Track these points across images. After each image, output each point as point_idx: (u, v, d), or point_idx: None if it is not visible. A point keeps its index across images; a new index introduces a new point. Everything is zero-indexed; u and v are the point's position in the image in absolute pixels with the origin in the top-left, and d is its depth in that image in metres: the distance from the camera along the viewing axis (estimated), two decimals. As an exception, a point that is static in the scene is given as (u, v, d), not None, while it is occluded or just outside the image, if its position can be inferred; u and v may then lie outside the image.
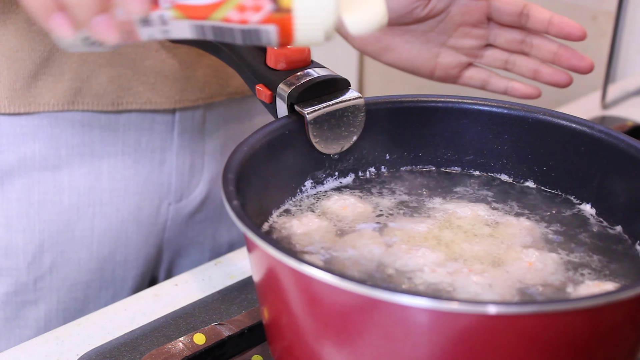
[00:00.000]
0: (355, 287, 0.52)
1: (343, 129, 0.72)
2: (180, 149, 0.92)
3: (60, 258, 0.89)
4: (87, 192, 0.88)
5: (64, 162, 0.87)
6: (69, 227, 0.88)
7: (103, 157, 0.88)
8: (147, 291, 0.83)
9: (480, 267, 0.64)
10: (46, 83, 0.84)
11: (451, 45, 0.84)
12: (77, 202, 0.88)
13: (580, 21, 0.88)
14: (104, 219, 0.90)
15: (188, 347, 0.70)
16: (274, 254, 0.55)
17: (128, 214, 0.91)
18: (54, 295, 0.90)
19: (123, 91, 0.87)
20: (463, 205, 0.72)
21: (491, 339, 0.53)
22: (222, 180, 0.62)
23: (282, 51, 0.72)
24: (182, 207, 0.94)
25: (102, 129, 0.87)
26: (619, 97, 1.32)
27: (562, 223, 0.71)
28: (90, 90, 0.86)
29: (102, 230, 0.90)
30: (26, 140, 0.86)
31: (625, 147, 0.69)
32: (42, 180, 0.87)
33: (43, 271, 0.88)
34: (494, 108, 0.75)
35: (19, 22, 0.82)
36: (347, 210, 0.71)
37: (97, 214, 0.89)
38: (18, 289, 0.88)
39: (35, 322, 0.90)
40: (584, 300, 0.53)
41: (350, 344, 0.56)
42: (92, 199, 0.89)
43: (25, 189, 0.87)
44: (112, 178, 0.89)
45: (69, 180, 0.88)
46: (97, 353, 0.72)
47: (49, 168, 0.87)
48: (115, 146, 0.89)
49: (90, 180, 0.88)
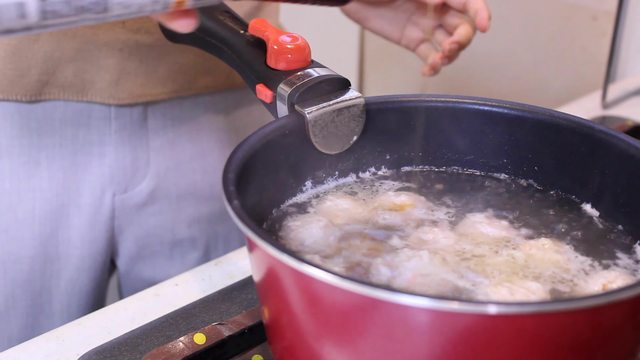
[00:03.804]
0: (356, 287, 0.52)
1: (343, 129, 0.73)
2: (119, 144, 0.97)
3: (4, 235, 0.96)
4: (27, 179, 0.95)
5: (4, 150, 0.94)
6: (10, 209, 0.96)
7: (41, 149, 0.95)
8: (148, 291, 0.83)
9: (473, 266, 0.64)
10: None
11: (414, 22, 1.00)
12: (17, 187, 0.95)
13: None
14: (45, 202, 0.96)
15: (188, 347, 0.70)
16: (274, 254, 0.55)
17: (68, 199, 0.97)
18: (0, 266, 0.97)
19: (86, 85, 0.93)
20: (463, 206, 0.72)
21: (491, 339, 0.53)
22: (222, 180, 0.62)
23: (283, 51, 0.72)
24: (129, 198, 1.00)
25: (39, 122, 0.94)
26: (619, 97, 1.33)
27: (562, 222, 0.71)
28: (57, 82, 0.92)
29: (43, 212, 0.97)
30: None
31: (625, 147, 0.69)
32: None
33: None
34: (494, 108, 0.75)
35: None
36: (346, 210, 0.71)
37: (38, 199, 0.96)
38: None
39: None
40: (584, 300, 0.53)
41: (351, 344, 0.56)
42: (32, 185, 0.96)
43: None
44: (51, 167, 0.96)
45: (10, 168, 0.95)
46: (97, 353, 0.72)
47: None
48: (52, 138, 0.95)
49: (30, 169, 0.95)
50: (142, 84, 0.95)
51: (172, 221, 1.04)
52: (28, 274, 0.98)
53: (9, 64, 0.90)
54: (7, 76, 0.90)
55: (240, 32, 0.77)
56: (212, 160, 1.03)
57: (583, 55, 1.59)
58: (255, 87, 0.74)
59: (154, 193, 1.01)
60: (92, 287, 1.03)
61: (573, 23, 1.58)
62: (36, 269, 0.98)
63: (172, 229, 1.04)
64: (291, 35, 0.73)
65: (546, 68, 1.68)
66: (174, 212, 1.03)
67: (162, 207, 1.02)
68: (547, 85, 1.68)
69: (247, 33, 0.77)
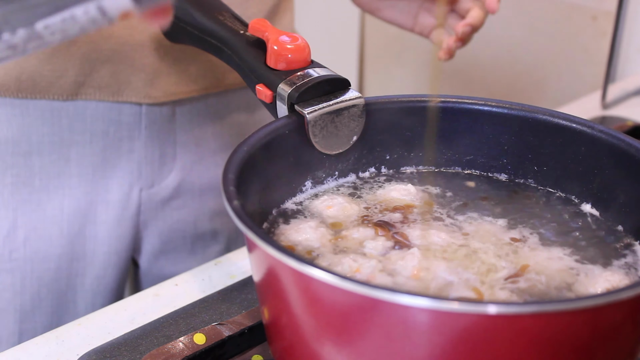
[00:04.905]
0: (356, 287, 0.52)
1: (343, 129, 0.73)
2: (148, 139, 0.97)
3: (33, 233, 0.96)
4: (56, 176, 0.95)
5: (35, 148, 0.94)
6: (40, 207, 0.96)
7: (71, 146, 0.95)
8: (148, 291, 0.83)
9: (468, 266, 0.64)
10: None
11: (426, 9, 1.01)
12: (47, 184, 0.95)
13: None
14: (73, 199, 0.96)
15: (188, 347, 0.70)
16: (274, 254, 0.55)
17: (96, 196, 0.97)
18: (27, 265, 0.97)
19: (122, 85, 0.93)
20: (463, 206, 0.72)
21: (491, 339, 0.53)
22: (222, 180, 0.62)
23: (283, 51, 0.72)
24: (155, 193, 1.00)
25: (70, 119, 0.94)
26: (619, 97, 1.33)
27: (562, 222, 0.71)
28: (93, 83, 0.92)
29: (71, 210, 0.97)
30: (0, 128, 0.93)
31: (625, 147, 0.69)
32: (15, 164, 0.94)
33: (17, 244, 0.96)
34: (494, 108, 0.75)
35: None
36: (346, 210, 0.71)
37: (67, 196, 0.96)
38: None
39: (12, 287, 0.97)
40: (584, 300, 0.53)
41: (351, 344, 0.56)
42: (62, 182, 0.96)
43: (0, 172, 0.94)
44: (80, 164, 0.96)
45: (40, 166, 0.94)
46: (97, 353, 0.72)
47: (20, 153, 0.94)
48: (83, 135, 0.95)
49: (59, 166, 0.95)
50: (175, 82, 0.95)
51: (194, 215, 1.04)
52: (55, 272, 0.98)
53: (47, 65, 0.90)
54: (45, 77, 0.91)
55: (240, 32, 0.77)
56: None
57: (583, 55, 1.59)
58: (255, 87, 0.74)
59: (179, 187, 1.02)
60: (116, 285, 1.03)
61: (573, 23, 1.58)
62: (63, 267, 0.98)
63: (194, 223, 1.04)
64: (291, 35, 0.73)
65: (546, 68, 1.68)
66: (196, 206, 1.04)
67: (185, 201, 1.03)
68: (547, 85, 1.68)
69: (247, 33, 0.77)
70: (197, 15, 0.80)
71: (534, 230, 0.70)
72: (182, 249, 1.05)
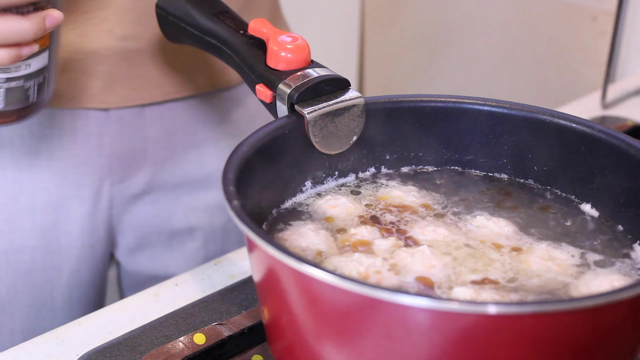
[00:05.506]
0: (356, 287, 0.52)
1: (343, 129, 0.73)
2: (117, 134, 0.98)
3: (6, 225, 0.98)
4: (28, 169, 0.97)
5: (7, 140, 0.95)
6: (12, 199, 0.97)
7: (41, 139, 0.96)
8: (147, 291, 0.83)
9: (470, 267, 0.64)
10: None
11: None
12: (19, 177, 0.97)
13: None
14: (45, 192, 0.98)
15: (188, 347, 0.70)
16: (274, 254, 0.55)
17: (68, 190, 0.98)
18: (2, 257, 0.98)
19: (78, 93, 0.95)
20: (463, 206, 0.72)
21: (491, 339, 0.53)
22: (222, 180, 0.62)
23: (283, 51, 0.72)
24: (126, 188, 1.01)
25: (39, 113, 0.94)
26: (619, 97, 1.32)
27: (561, 222, 0.71)
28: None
29: (43, 203, 0.98)
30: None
31: (625, 147, 0.69)
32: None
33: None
34: (494, 108, 0.75)
35: None
36: (346, 210, 0.71)
37: (39, 189, 0.97)
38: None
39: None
40: (584, 300, 0.53)
41: (351, 344, 0.56)
42: (33, 175, 0.97)
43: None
44: (50, 158, 0.97)
45: (12, 158, 0.96)
46: (97, 353, 0.72)
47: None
48: (51, 129, 0.96)
49: (30, 159, 0.96)
50: (134, 88, 0.96)
51: (168, 210, 1.05)
52: (30, 264, 0.99)
53: None
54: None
55: (240, 32, 0.77)
56: (207, 152, 1.04)
57: (583, 55, 1.59)
58: (255, 87, 0.74)
59: (151, 183, 1.02)
60: (93, 279, 1.03)
61: (573, 23, 1.58)
62: (37, 260, 0.99)
63: (169, 219, 1.05)
64: (291, 35, 0.73)
65: (546, 68, 1.68)
66: (170, 202, 1.04)
67: (158, 196, 1.03)
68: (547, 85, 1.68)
69: (247, 33, 0.77)
70: (197, 15, 0.80)
71: (534, 230, 0.70)
72: (158, 245, 1.06)
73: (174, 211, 1.05)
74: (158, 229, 1.05)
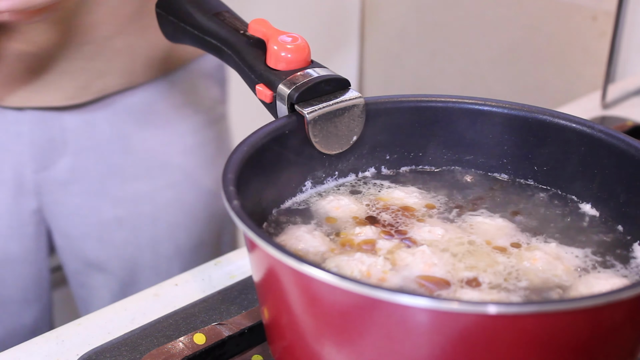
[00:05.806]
0: (355, 287, 0.52)
1: (343, 129, 0.73)
2: (34, 124, 1.00)
3: None
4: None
5: None
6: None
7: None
8: (147, 291, 0.83)
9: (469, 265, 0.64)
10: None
11: None
12: None
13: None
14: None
15: (188, 347, 0.70)
16: (274, 254, 0.55)
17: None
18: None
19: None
20: (463, 206, 0.72)
21: (491, 339, 0.53)
22: (222, 180, 0.62)
23: (283, 51, 0.72)
24: (50, 176, 1.04)
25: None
26: (619, 97, 1.32)
27: (561, 222, 0.71)
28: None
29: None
30: None
31: (625, 147, 0.69)
32: None
33: None
34: (494, 108, 0.75)
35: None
36: (346, 210, 0.71)
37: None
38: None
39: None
40: (584, 300, 0.53)
41: (351, 344, 0.56)
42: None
43: None
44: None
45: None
46: (97, 353, 0.72)
47: None
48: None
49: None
50: (34, 90, 0.98)
51: (97, 201, 1.07)
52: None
53: None
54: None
55: (240, 32, 0.77)
56: (134, 141, 1.05)
57: (583, 55, 1.59)
58: (255, 87, 0.74)
59: (75, 172, 1.05)
60: (24, 256, 1.07)
61: (573, 23, 1.58)
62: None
63: (98, 209, 1.08)
64: (291, 35, 0.73)
65: (546, 68, 1.68)
66: (99, 192, 1.07)
67: (84, 186, 1.06)
68: (547, 85, 1.68)
69: (247, 33, 0.77)
70: (197, 15, 0.80)
71: (534, 230, 0.70)
72: (92, 235, 1.09)
73: (103, 203, 1.07)
74: (86, 218, 1.08)
